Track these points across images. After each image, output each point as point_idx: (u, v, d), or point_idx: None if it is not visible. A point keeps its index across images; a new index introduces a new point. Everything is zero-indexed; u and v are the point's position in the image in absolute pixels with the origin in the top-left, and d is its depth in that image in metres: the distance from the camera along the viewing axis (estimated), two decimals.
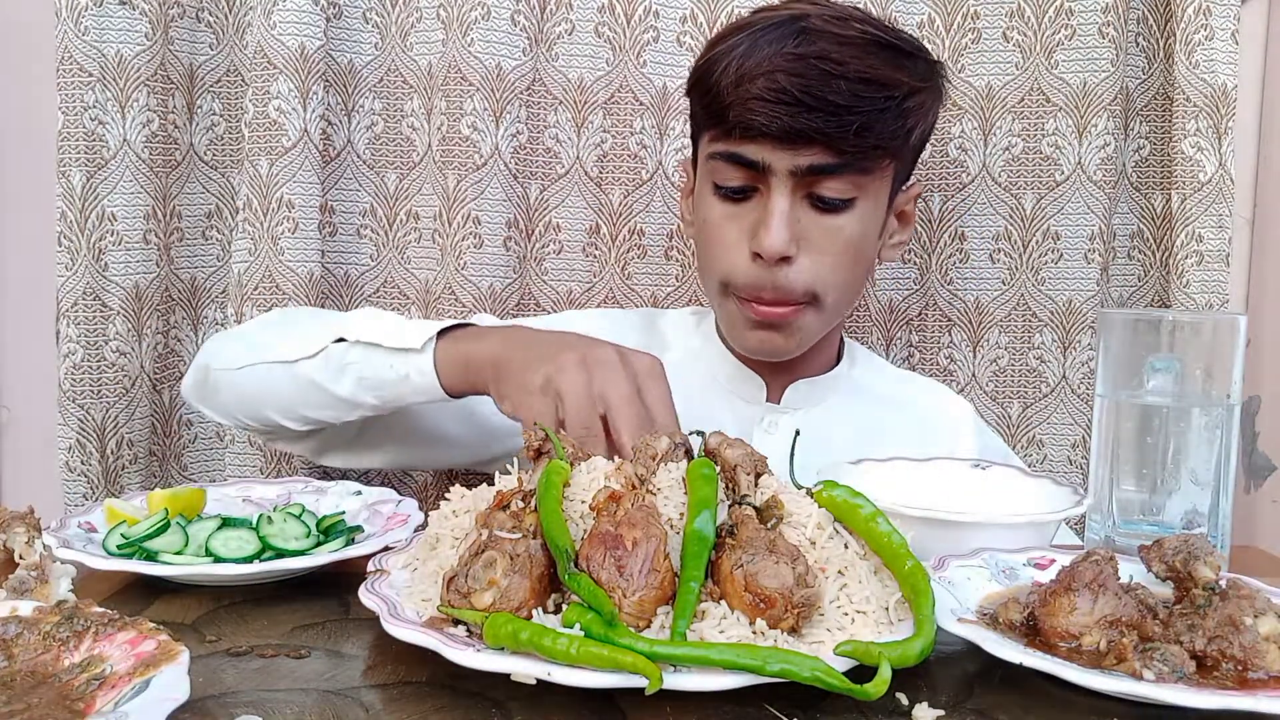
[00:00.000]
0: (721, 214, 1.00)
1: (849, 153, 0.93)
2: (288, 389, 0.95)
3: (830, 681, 0.52)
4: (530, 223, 1.35)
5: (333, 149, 1.33)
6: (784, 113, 0.91)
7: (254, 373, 0.97)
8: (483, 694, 0.56)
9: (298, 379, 0.94)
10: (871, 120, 0.92)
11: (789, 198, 0.95)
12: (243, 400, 1.00)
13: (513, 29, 1.29)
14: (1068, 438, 1.37)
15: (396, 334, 0.89)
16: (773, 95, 0.91)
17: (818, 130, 0.91)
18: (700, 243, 1.05)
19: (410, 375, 0.88)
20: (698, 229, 1.05)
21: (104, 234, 1.26)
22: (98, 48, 1.23)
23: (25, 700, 0.48)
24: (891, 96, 0.93)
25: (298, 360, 0.93)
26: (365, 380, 0.91)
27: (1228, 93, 1.27)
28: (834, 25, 0.94)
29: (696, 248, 1.08)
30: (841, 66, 0.91)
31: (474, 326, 0.91)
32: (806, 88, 0.90)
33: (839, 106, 0.91)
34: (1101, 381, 0.87)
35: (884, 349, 1.38)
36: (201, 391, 1.04)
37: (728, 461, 0.68)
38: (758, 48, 0.93)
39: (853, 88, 0.91)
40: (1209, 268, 1.30)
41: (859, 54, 0.92)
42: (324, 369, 0.92)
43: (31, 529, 0.64)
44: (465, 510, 0.67)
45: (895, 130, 0.95)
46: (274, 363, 0.95)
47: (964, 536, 0.74)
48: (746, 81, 0.92)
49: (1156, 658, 0.57)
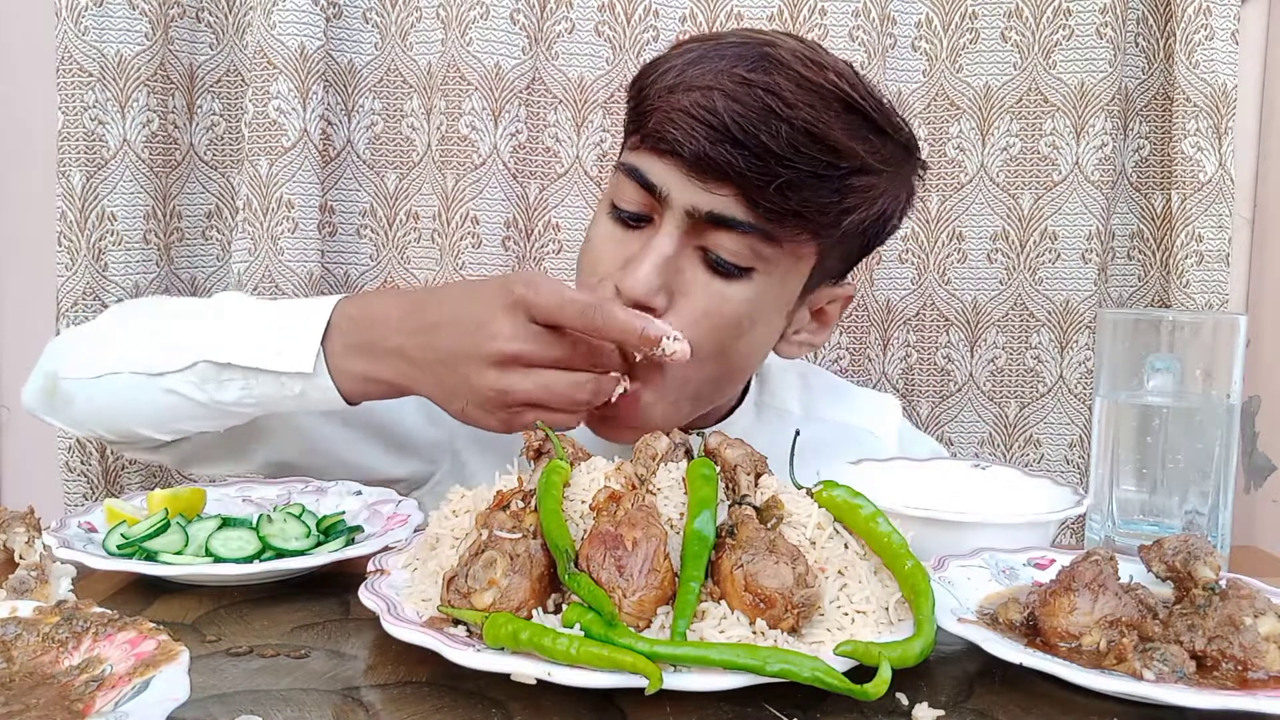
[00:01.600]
0: (606, 234, 0.85)
1: (761, 210, 0.78)
2: (156, 402, 0.85)
3: (830, 681, 0.52)
4: (530, 222, 1.35)
5: (332, 149, 1.33)
6: (703, 135, 0.77)
7: (113, 383, 0.86)
8: (483, 694, 0.56)
9: (168, 392, 0.83)
10: (801, 180, 0.77)
11: (676, 241, 0.80)
12: (100, 413, 0.89)
13: (512, 28, 1.29)
14: (1065, 437, 1.38)
15: (275, 346, 0.80)
16: (699, 113, 0.77)
17: (734, 169, 0.77)
18: (581, 261, 0.89)
19: (305, 392, 0.80)
20: (583, 249, 0.90)
21: (104, 234, 1.26)
22: (98, 48, 1.23)
23: (23, 701, 0.48)
24: (835, 165, 0.78)
25: (164, 374, 0.83)
26: (250, 395, 0.82)
27: (1228, 93, 1.27)
28: (804, 66, 0.79)
29: (579, 259, 0.91)
30: (790, 109, 0.77)
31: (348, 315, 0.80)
32: (739, 116, 0.76)
33: (768, 151, 0.76)
34: (1101, 382, 0.87)
35: (881, 349, 1.38)
36: (50, 402, 0.92)
37: (728, 461, 0.68)
38: (708, 60, 0.80)
39: (793, 136, 0.77)
40: (1209, 268, 1.30)
41: (816, 103, 0.78)
42: (199, 383, 0.82)
43: (31, 529, 0.64)
44: (465, 510, 0.67)
45: (826, 205, 0.80)
46: (136, 374, 0.84)
47: (964, 536, 0.74)
48: (680, 91, 0.79)
49: (1156, 658, 0.57)
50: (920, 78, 1.35)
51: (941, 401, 1.39)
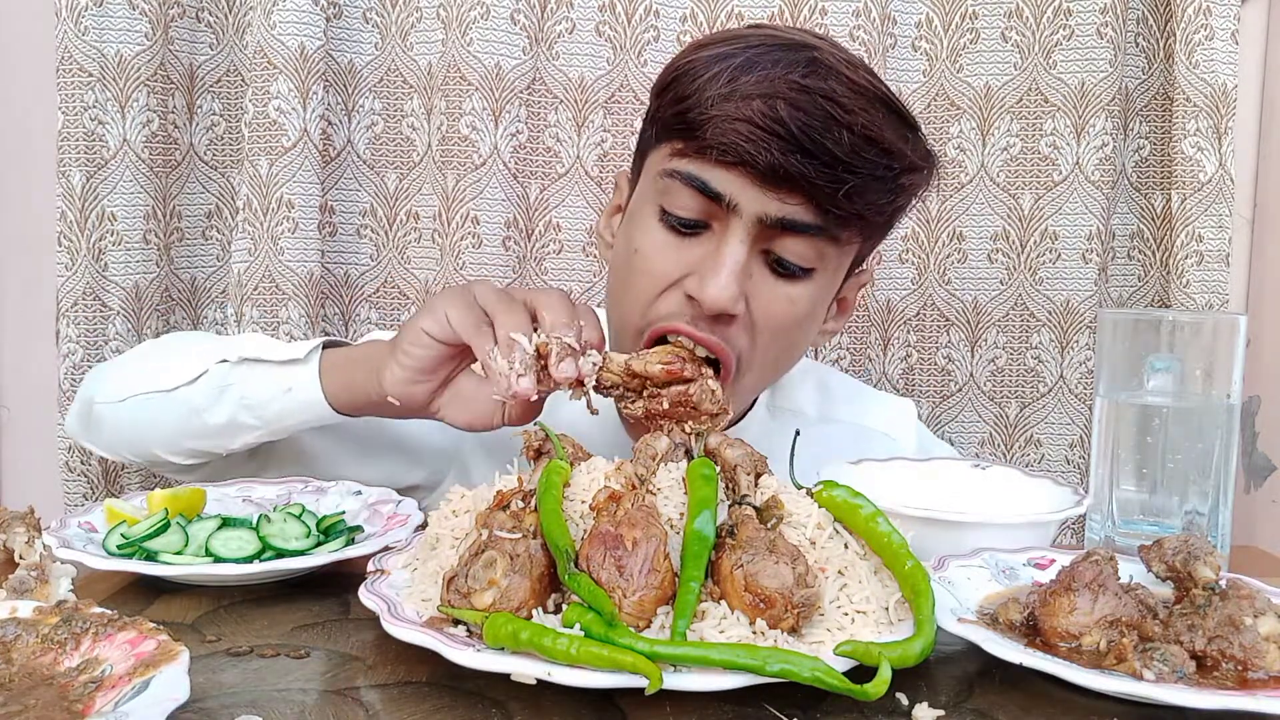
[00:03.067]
0: (661, 242, 0.84)
1: (829, 215, 0.80)
2: (167, 419, 0.89)
3: (830, 681, 0.52)
4: (530, 222, 1.35)
5: (333, 149, 1.33)
6: (776, 146, 0.77)
7: (135, 404, 0.90)
8: (483, 694, 0.56)
9: (177, 407, 0.87)
10: (865, 184, 0.79)
11: (748, 248, 0.81)
12: (123, 434, 0.93)
13: (512, 28, 1.29)
14: (1065, 437, 1.38)
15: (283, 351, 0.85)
16: (765, 122, 0.77)
17: (806, 178, 0.77)
18: (623, 272, 0.87)
19: (294, 389, 0.84)
20: (623, 256, 0.88)
21: (104, 234, 1.26)
22: (98, 48, 1.23)
23: (22, 702, 0.48)
24: (890, 166, 0.81)
25: (176, 388, 0.87)
26: (246, 400, 0.86)
27: (1228, 93, 1.27)
28: (845, 67, 0.80)
29: (612, 279, 0.90)
30: (848, 115, 0.78)
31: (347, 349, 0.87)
32: (807, 126, 0.77)
33: (836, 159, 0.78)
34: (1101, 382, 0.87)
35: (882, 349, 1.38)
36: (85, 427, 0.97)
37: (728, 461, 0.68)
38: (757, 65, 0.79)
39: (854, 142, 0.78)
40: (1209, 268, 1.30)
41: (867, 107, 0.79)
42: (204, 393, 0.86)
43: (31, 529, 0.64)
44: (465, 510, 0.67)
45: (884, 205, 0.83)
46: (153, 392, 0.89)
47: (964, 536, 0.74)
48: (739, 99, 0.78)
49: (1156, 658, 0.57)
50: (920, 78, 1.35)
51: (942, 401, 1.39)
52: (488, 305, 0.75)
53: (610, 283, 0.91)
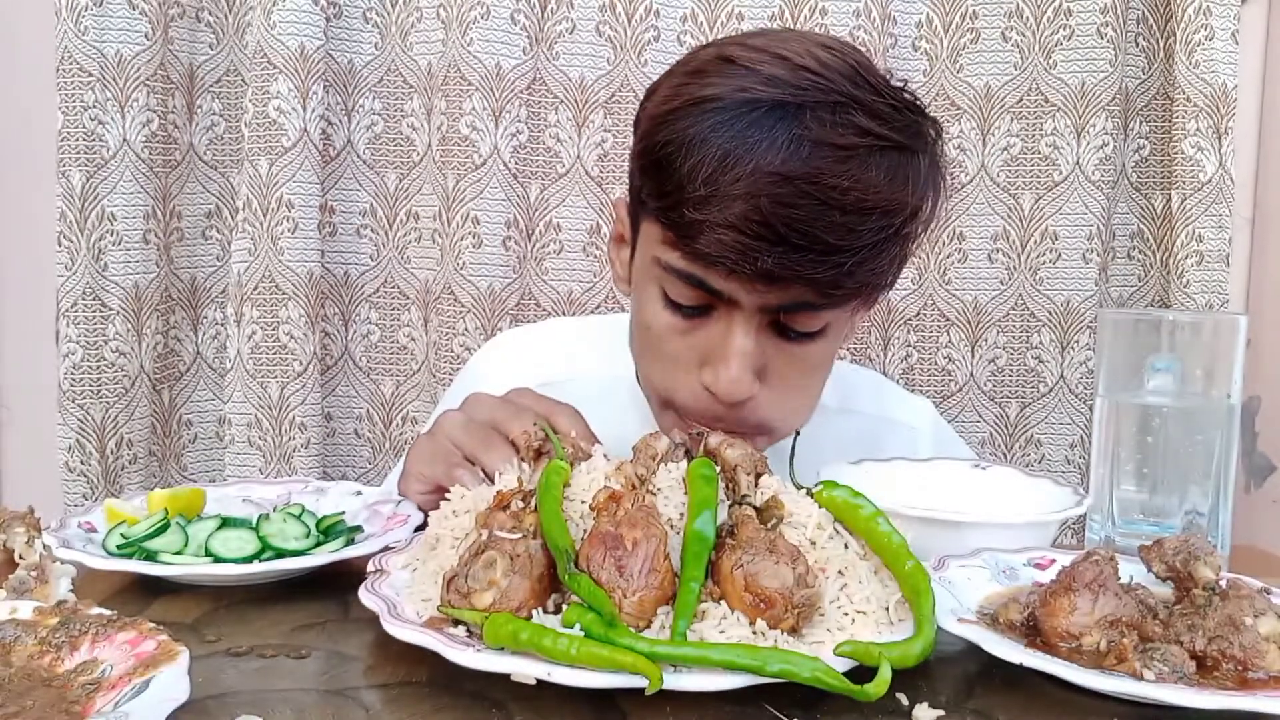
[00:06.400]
0: (670, 326, 0.82)
1: (833, 294, 0.77)
2: None
3: (830, 682, 0.52)
4: (530, 222, 1.35)
5: (333, 149, 1.33)
6: (766, 251, 0.73)
7: None
8: (483, 694, 0.56)
9: None
10: (866, 258, 0.75)
11: (754, 334, 0.79)
12: None
13: (513, 28, 1.29)
14: (1066, 437, 1.38)
15: None
16: (752, 230, 0.72)
17: (801, 272, 0.74)
18: (641, 344, 0.87)
19: None
20: (639, 328, 0.87)
21: (104, 234, 1.26)
22: (98, 48, 1.23)
23: (20, 703, 0.48)
24: (890, 224, 0.76)
25: None
26: None
27: (1228, 93, 1.27)
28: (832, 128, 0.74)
29: (633, 337, 0.90)
30: (839, 195, 0.73)
31: None
32: (793, 221, 0.72)
33: (830, 246, 0.73)
34: (1101, 382, 0.87)
35: (882, 349, 1.38)
36: None
37: (728, 461, 0.67)
38: (735, 156, 0.73)
39: (848, 220, 0.73)
40: (1209, 268, 1.30)
41: (859, 171, 0.73)
42: None
43: (31, 529, 0.64)
44: (465, 510, 0.67)
45: (889, 261, 0.79)
46: None
47: (964, 536, 0.74)
48: (719, 201, 0.73)
49: (1156, 658, 0.56)
50: (920, 78, 1.35)
51: (942, 401, 1.39)
52: (464, 447, 0.79)
53: (632, 335, 0.90)
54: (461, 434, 0.79)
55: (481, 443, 0.77)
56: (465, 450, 0.79)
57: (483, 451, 0.77)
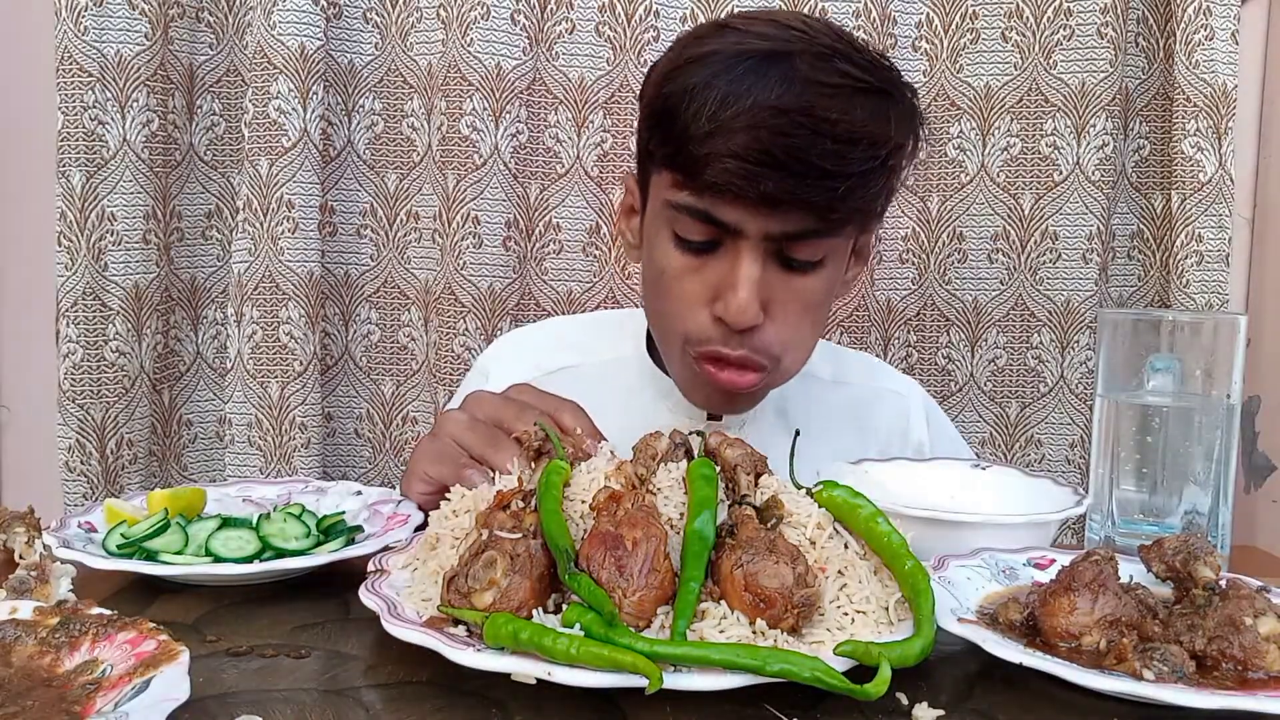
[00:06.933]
0: (682, 266, 0.90)
1: (828, 218, 0.86)
2: None
3: (830, 681, 0.52)
4: (530, 222, 1.35)
5: (333, 149, 1.33)
6: (767, 175, 0.81)
7: None
8: (483, 694, 0.56)
9: None
10: (856, 184, 0.84)
11: (759, 263, 0.87)
12: None
13: (513, 28, 1.29)
14: (1065, 437, 1.38)
15: None
16: (754, 156, 0.81)
17: (802, 196, 0.83)
18: (655, 290, 0.95)
19: None
20: (651, 273, 0.95)
21: (104, 234, 1.26)
22: (98, 48, 1.23)
23: (20, 703, 0.48)
24: (877, 155, 0.84)
25: None
26: None
27: (1228, 93, 1.27)
28: (819, 70, 0.83)
29: (646, 289, 0.97)
30: (830, 125, 0.81)
31: None
32: (791, 149, 0.81)
33: (825, 171, 0.82)
34: (1101, 381, 0.87)
35: (882, 349, 1.38)
36: None
37: (728, 461, 0.68)
38: (735, 95, 0.83)
39: (839, 148, 0.82)
40: (1209, 268, 1.30)
41: (845, 106, 0.83)
42: None
43: (31, 529, 0.64)
44: (465, 510, 0.67)
45: (879, 190, 0.87)
46: None
47: (964, 536, 0.74)
48: (722, 135, 0.82)
49: (1156, 658, 0.56)
50: (921, 78, 1.35)
51: (942, 401, 1.39)
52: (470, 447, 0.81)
53: (645, 290, 0.98)
54: (467, 434, 0.82)
55: (488, 442, 0.80)
56: (472, 450, 0.81)
57: (491, 451, 0.80)
